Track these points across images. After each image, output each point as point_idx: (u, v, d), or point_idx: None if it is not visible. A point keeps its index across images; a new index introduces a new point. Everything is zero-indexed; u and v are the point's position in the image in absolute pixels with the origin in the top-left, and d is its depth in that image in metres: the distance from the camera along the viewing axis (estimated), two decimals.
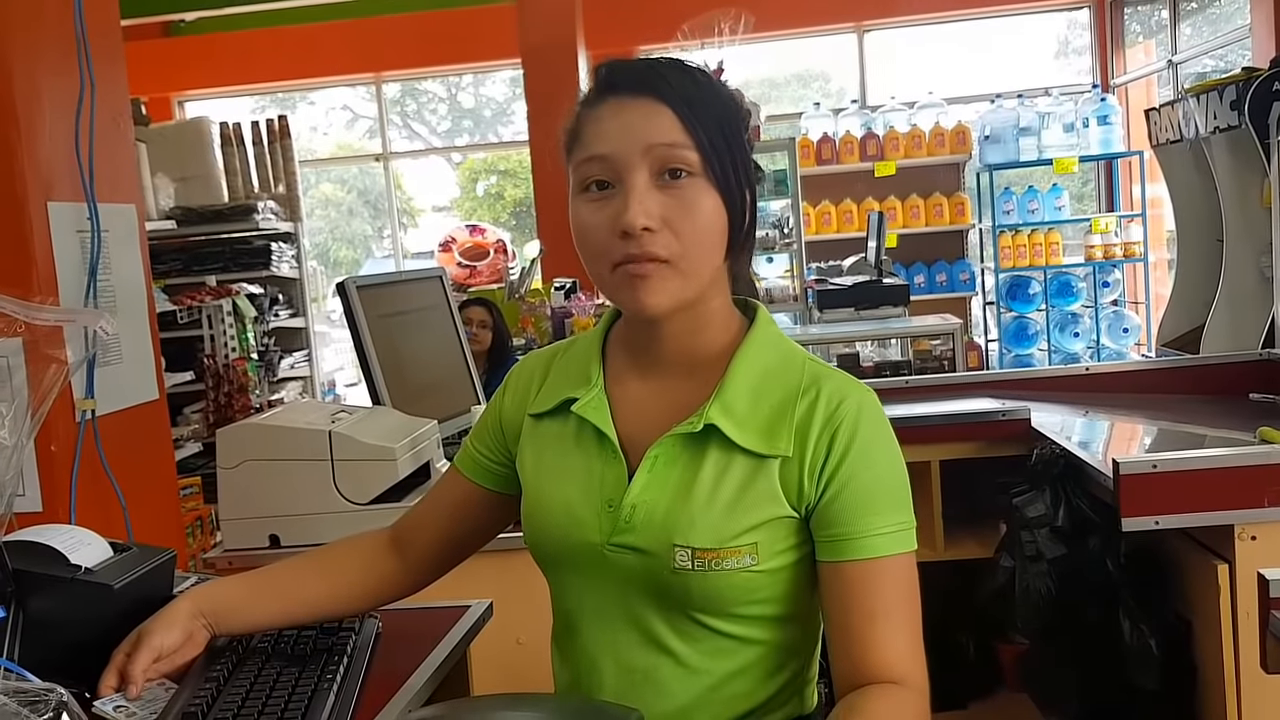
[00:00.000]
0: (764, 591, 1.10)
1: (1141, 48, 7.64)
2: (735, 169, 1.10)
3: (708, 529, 1.08)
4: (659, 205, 1.06)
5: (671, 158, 1.07)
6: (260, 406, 5.12)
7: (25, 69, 1.66)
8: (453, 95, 12.19)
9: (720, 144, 1.08)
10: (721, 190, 1.08)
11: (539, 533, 1.18)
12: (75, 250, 1.71)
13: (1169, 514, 1.75)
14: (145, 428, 1.88)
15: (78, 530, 1.30)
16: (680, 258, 1.07)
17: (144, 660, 1.13)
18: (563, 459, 1.18)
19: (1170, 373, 2.75)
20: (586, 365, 1.20)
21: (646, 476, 1.11)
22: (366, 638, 1.27)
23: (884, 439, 1.12)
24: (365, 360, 2.08)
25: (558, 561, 1.17)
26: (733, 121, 1.11)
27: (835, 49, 8.41)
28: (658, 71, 1.09)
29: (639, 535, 1.10)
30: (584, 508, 1.14)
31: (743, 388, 1.12)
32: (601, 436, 1.15)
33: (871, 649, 1.06)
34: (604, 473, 1.14)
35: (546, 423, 1.20)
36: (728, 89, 1.14)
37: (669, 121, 1.07)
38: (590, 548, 1.13)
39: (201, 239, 5.58)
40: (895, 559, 1.08)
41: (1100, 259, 7.01)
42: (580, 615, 1.17)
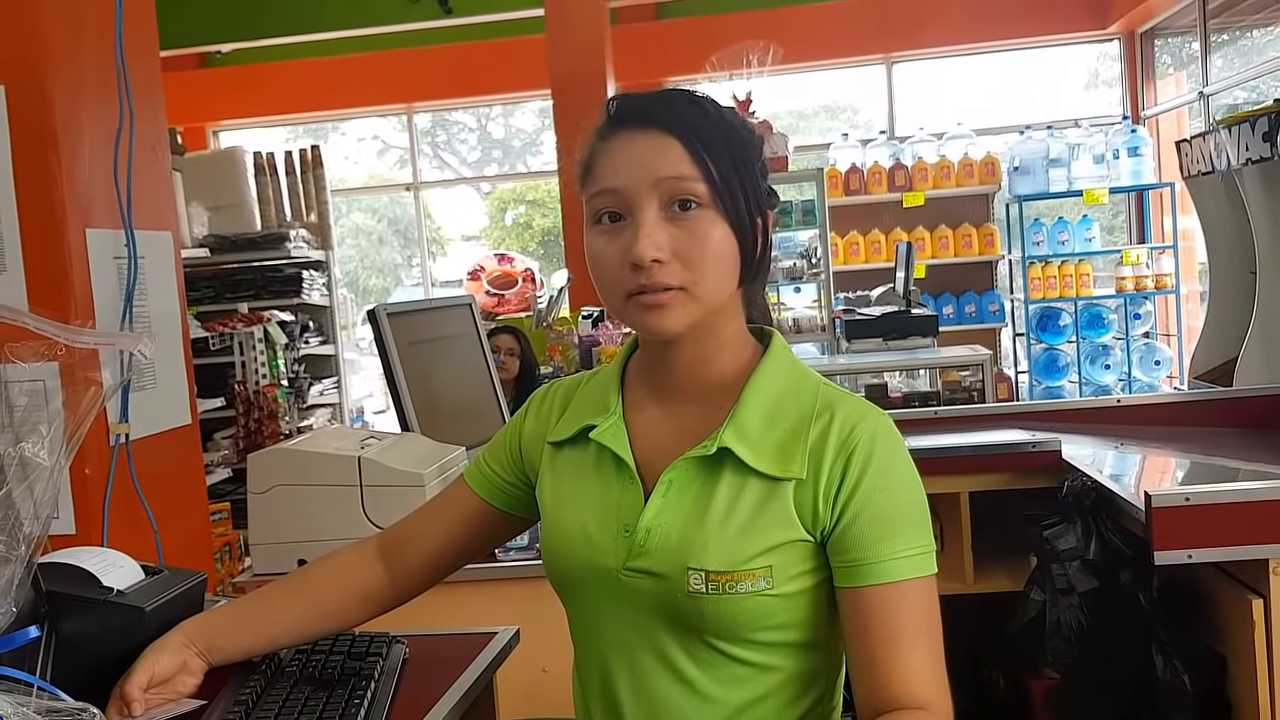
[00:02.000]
0: (780, 616, 1.10)
1: (1173, 79, 7.63)
2: (745, 198, 1.11)
3: (721, 551, 1.08)
4: (669, 237, 1.08)
5: (680, 190, 1.08)
6: (290, 433, 5.16)
7: (66, 100, 1.70)
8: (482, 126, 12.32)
9: (729, 174, 1.10)
10: (731, 220, 1.10)
11: (556, 558, 1.19)
12: (112, 276, 1.74)
13: (1202, 547, 1.73)
14: (178, 452, 1.90)
15: (110, 553, 1.32)
16: (693, 284, 1.09)
17: (137, 681, 1.14)
18: (580, 485, 1.19)
19: (1202, 405, 2.72)
20: (605, 394, 1.21)
21: (661, 500, 1.12)
22: (393, 663, 1.27)
23: (900, 462, 1.12)
24: (394, 386, 2.09)
25: (575, 587, 1.18)
26: (743, 150, 1.12)
27: (864, 80, 8.43)
28: (666, 104, 1.11)
29: (653, 559, 1.11)
30: (600, 533, 1.15)
31: (757, 412, 1.13)
32: (619, 462, 1.16)
33: (893, 675, 1.05)
34: (620, 498, 1.15)
35: (566, 451, 1.22)
36: (739, 117, 1.15)
37: (677, 154, 1.08)
38: (606, 572, 1.13)
39: (234, 266, 5.66)
40: (915, 583, 1.08)
41: (1131, 291, 6.96)
42: (598, 643, 1.17)
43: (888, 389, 4.91)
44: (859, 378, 5.13)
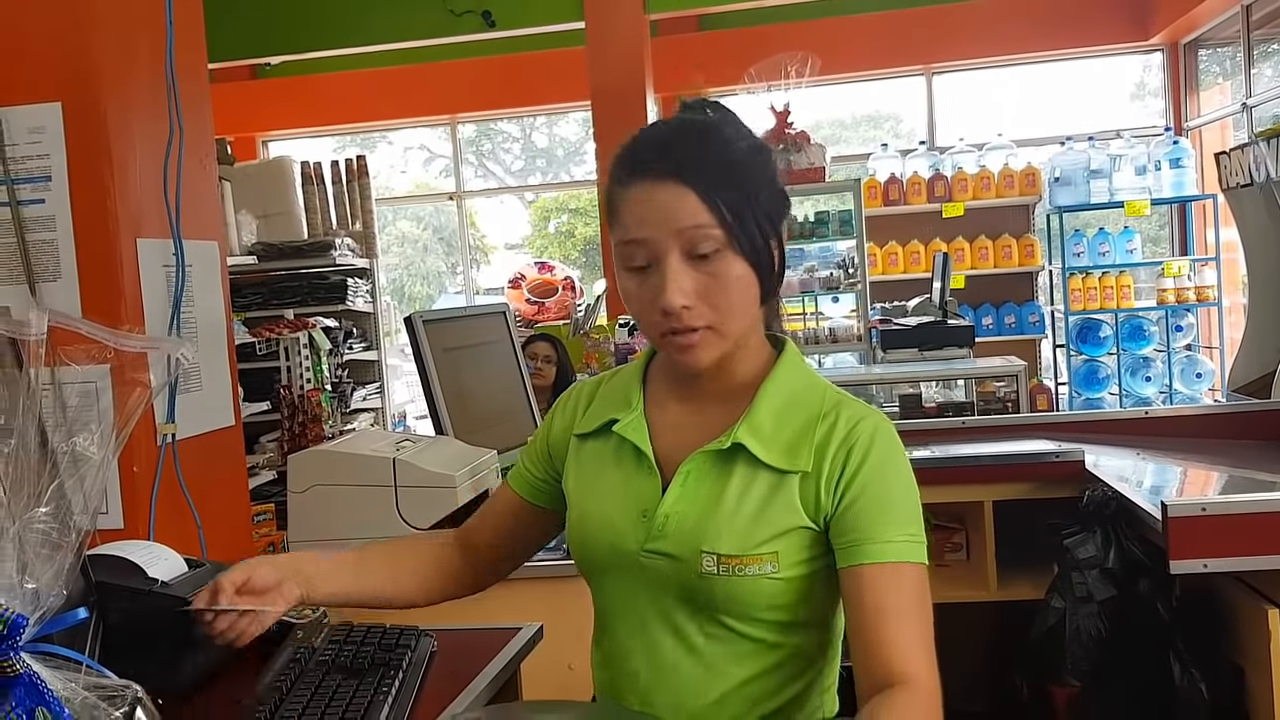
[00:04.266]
0: (783, 598, 1.19)
1: (1216, 90, 7.56)
2: (761, 231, 1.18)
3: (732, 537, 1.18)
4: (693, 282, 1.16)
5: (699, 238, 1.15)
6: (333, 436, 5.26)
7: (119, 114, 1.78)
8: (527, 135, 12.43)
9: (743, 211, 1.16)
10: (749, 256, 1.17)
11: (582, 542, 1.29)
12: (161, 284, 1.82)
13: (1218, 557, 1.75)
14: (222, 452, 1.97)
15: (156, 546, 1.39)
16: (719, 323, 1.18)
17: (233, 578, 1.21)
18: (603, 474, 1.29)
19: (1230, 417, 2.72)
20: (628, 391, 1.31)
21: (679, 489, 1.22)
22: (421, 654, 1.33)
23: (896, 459, 1.21)
24: (429, 391, 2.16)
25: (598, 567, 1.28)
26: (752, 178, 1.18)
27: (903, 91, 8.43)
28: (682, 150, 1.18)
29: (670, 542, 1.20)
30: (621, 518, 1.24)
31: (769, 411, 1.22)
32: (639, 454, 1.25)
33: (883, 645, 1.12)
34: (640, 486, 1.24)
35: (590, 443, 1.32)
36: (745, 135, 1.22)
37: (694, 204, 1.15)
38: (627, 554, 1.23)
39: (281, 273, 5.76)
40: (907, 566, 1.15)
41: (1173, 303, 6.90)
42: (617, 617, 1.27)
43: (922, 399, 4.92)
44: (894, 387, 5.14)
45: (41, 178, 1.72)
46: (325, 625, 1.40)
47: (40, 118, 1.71)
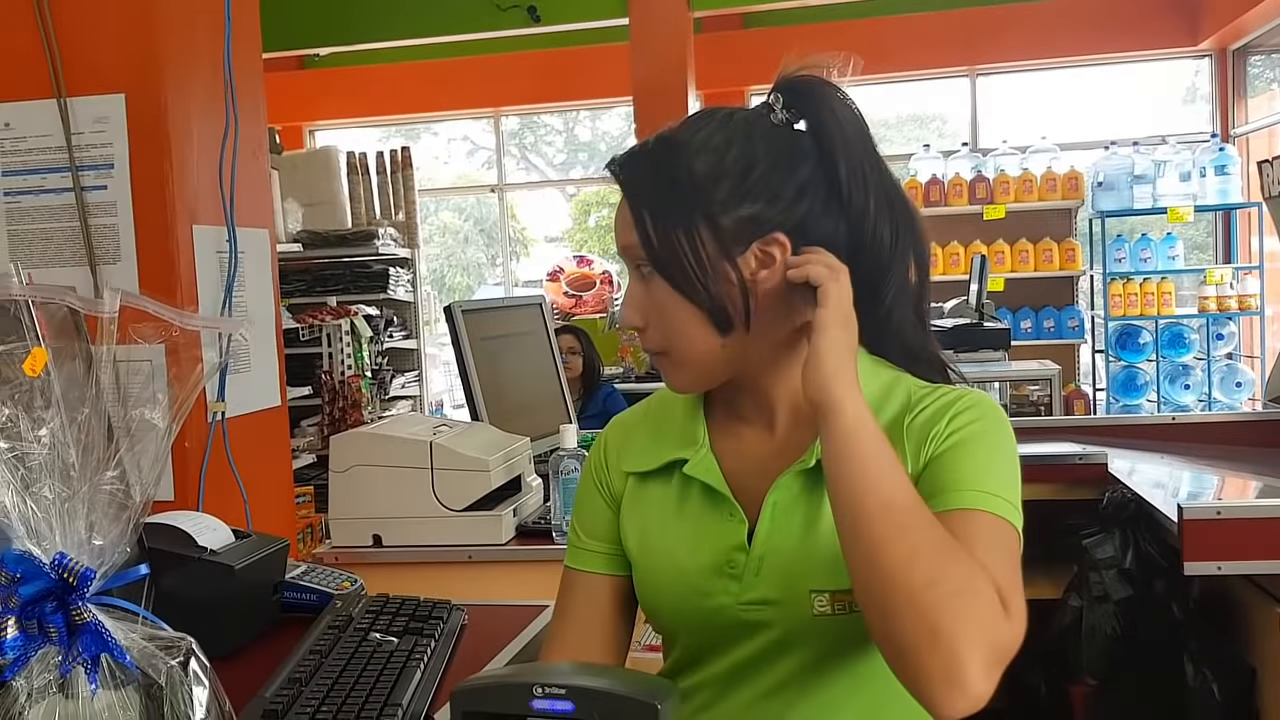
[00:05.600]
0: None
1: (1266, 96, 7.48)
2: (694, 251, 1.03)
3: (842, 568, 0.97)
4: (642, 301, 1.08)
5: (633, 256, 1.08)
6: (371, 422, 5.36)
7: (178, 106, 1.87)
8: (569, 129, 12.50)
9: (678, 237, 1.04)
10: (676, 282, 1.05)
11: (657, 606, 1.15)
12: (214, 269, 1.91)
13: (1232, 560, 1.78)
14: (267, 431, 2.06)
15: (205, 517, 1.47)
16: (669, 347, 1.08)
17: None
18: (670, 524, 1.13)
19: (1259, 425, 2.74)
20: (689, 424, 1.16)
21: (769, 524, 1.07)
22: (453, 626, 1.40)
23: (994, 427, 1.05)
24: (466, 378, 2.23)
25: (686, 629, 1.13)
26: (703, 204, 1.04)
27: (948, 92, 8.42)
28: (629, 161, 1.09)
29: (771, 586, 1.06)
30: (701, 572, 1.09)
31: None
32: (714, 494, 1.10)
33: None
34: (720, 531, 1.09)
35: (651, 485, 1.16)
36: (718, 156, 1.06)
37: (627, 220, 1.08)
38: (718, 611, 1.08)
39: (324, 261, 5.87)
40: (989, 516, 0.98)
41: (1214, 310, 6.85)
42: (708, 671, 1.11)
43: None
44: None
45: (105, 165, 1.81)
46: (363, 596, 1.47)
47: (105, 108, 1.80)
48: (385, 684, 1.17)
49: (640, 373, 5.20)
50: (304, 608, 1.49)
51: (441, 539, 1.96)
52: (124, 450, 0.88)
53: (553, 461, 1.96)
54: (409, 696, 1.15)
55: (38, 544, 0.87)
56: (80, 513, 0.87)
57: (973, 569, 0.91)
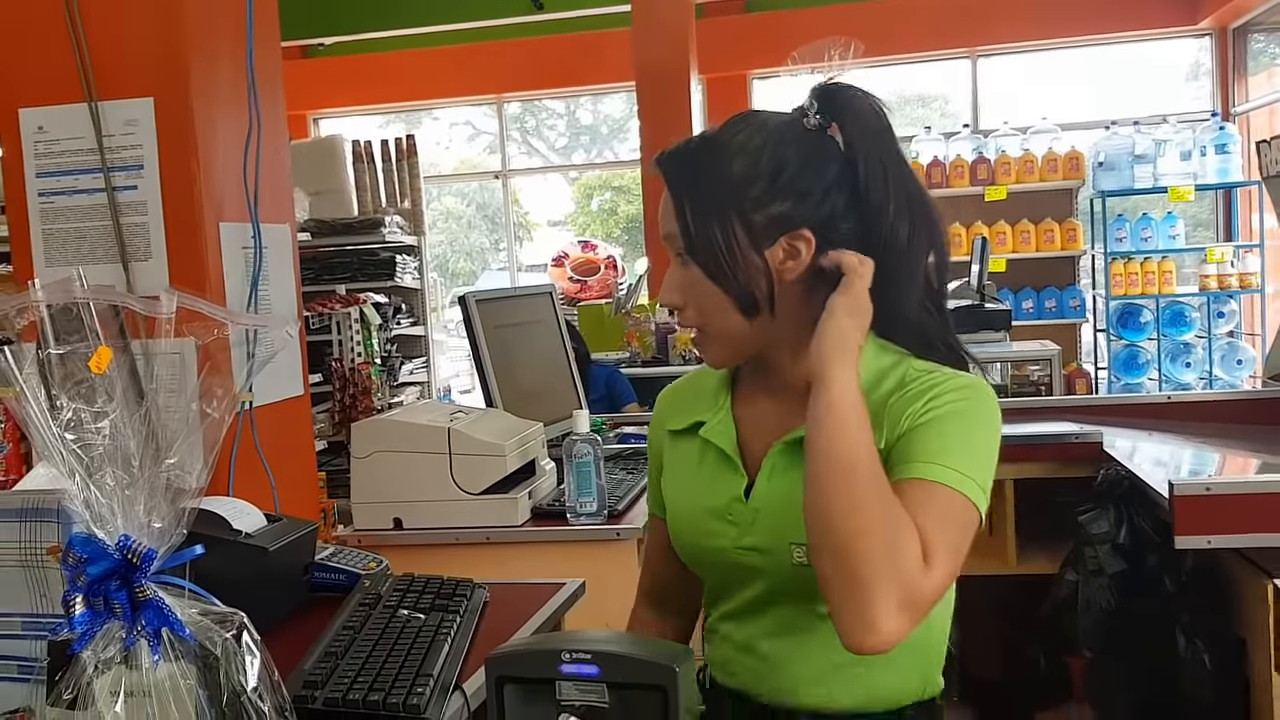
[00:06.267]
0: None
1: (1266, 75, 7.51)
2: (728, 248, 1.16)
3: None
4: (681, 283, 1.21)
5: (673, 244, 1.21)
6: (382, 409, 5.43)
7: (204, 107, 1.93)
8: (571, 112, 12.52)
9: (711, 228, 1.17)
10: (709, 270, 1.17)
11: (679, 541, 1.31)
12: (240, 264, 1.98)
13: (1222, 534, 1.85)
14: (292, 419, 2.13)
15: (238, 502, 1.54)
16: (704, 324, 1.22)
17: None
18: (692, 475, 1.29)
19: (1254, 404, 2.80)
20: (716, 390, 1.31)
21: (766, 482, 1.21)
22: (476, 603, 1.47)
23: (974, 409, 1.13)
24: (481, 366, 2.30)
25: (699, 564, 1.30)
26: (738, 199, 1.16)
27: (949, 74, 8.45)
28: (673, 159, 1.22)
29: (760, 536, 1.20)
30: (712, 518, 1.24)
31: None
32: (724, 453, 1.25)
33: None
34: (726, 484, 1.24)
35: (682, 442, 1.32)
36: (755, 156, 1.17)
37: (669, 211, 1.21)
38: (722, 551, 1.23)
39: (332, 250, 5.93)
40: (946, 489, 1.07)
41: (1215, 289, 6.90)
42: (723, 607, 1.28)
43: None
44: None
45: (135, 166, 1.88)
46: (389, 575, 1.55)
47: (134, 111, 1.87)
48: (416, 656, 1.25)
49: (646, 357, 5.26)
50: (333, 587, 1.57)
51: (460, 521, 2.03)
52: (180, 440, 0.95)
53: (566, 445, 2.03)
54: (439, 667, 1.22)
55: (101, 527, 0.94)
56: (140, 498, 0.94)
57: (901, 528, 1.03)
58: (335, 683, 1.18)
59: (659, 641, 0.88)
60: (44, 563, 1.08)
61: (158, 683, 0.92)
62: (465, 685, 1.23)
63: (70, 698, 0.92)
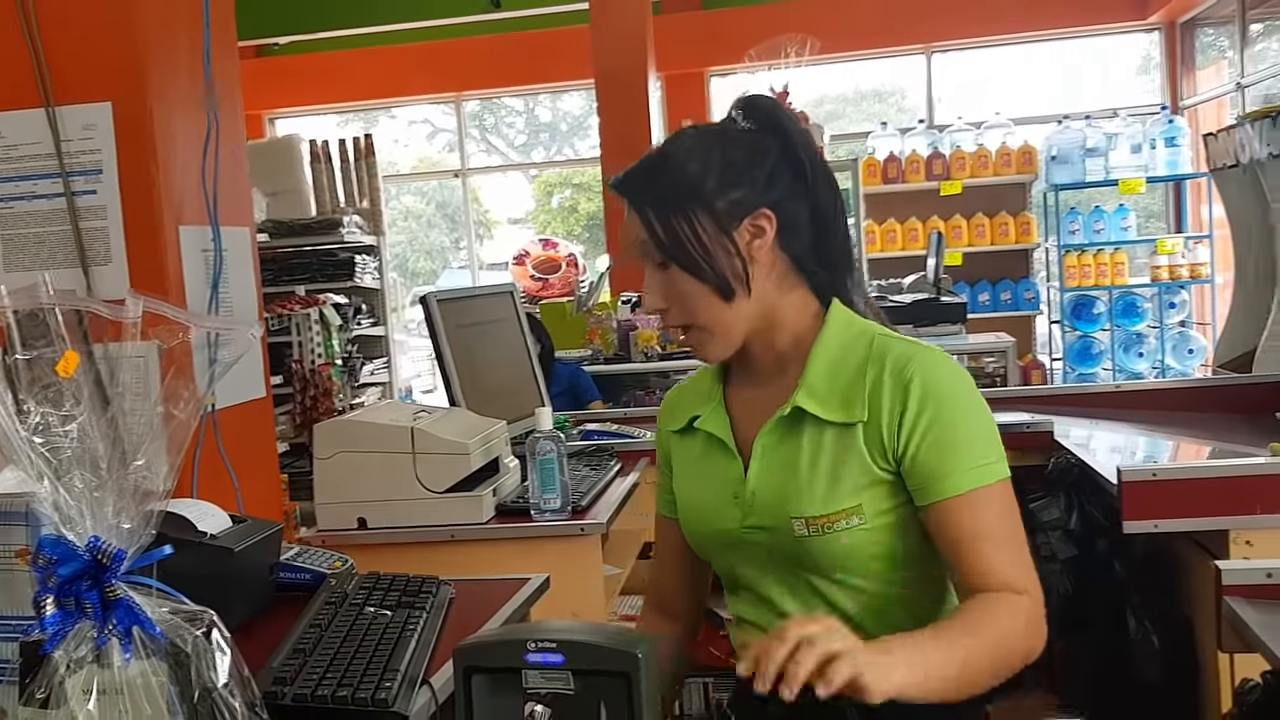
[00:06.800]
0: (880, 546, 1.27)
1: (1214, 69, 7.66)
2: (695, 242, 1.28)
3: (814, 499, 1.27)
4: (661, 287, 1.33)
5: (648, 252, 1.32)
6: (343, 410, 5.42)
7: (162, 111, 1.93)
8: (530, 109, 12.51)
9: (673, 227, 1.29)
10: (686, 266, 1.30)
11: (691, 531, 1.42)
12: (200, 267, 1.98)
13: (1168, 518, 1.90)
14: (254, 421, 2.14)
15: (202, 503, 1.54)
16: (693, 319, 1.33)
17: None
18: (694, 467, 1.42)
19: (1202, 391, 2.88)
20: (710, 385, 1.43)
21: (759, 464, 1.33)
22: (442, 599, 1.49)
23: (954, 385, 1.26)
24: (443, 365, 2.32)
25: (709, 548, 1.41)
26: (693, 197, 1.29)
27: (904, 70, 8.54)
28: (632, 178, 1.35)
29: (762, 515, 1.31)
30: (717, 503, 1.36)
31: (821, 370, 1.31)
32: (721, 442, 1.37)
33: (984, 571, 1.21)
34: (726, 471, 1.36)
35: (685, 439, 1.44)
36: (697, 158, 1.31)
37: (635, 222, 1.33)
38: (729, 534, 1.35)
39: (290, 250, 5.89)
40: (987, 489, 1.22)
41: (1166, 279, 7.03)
42: (741, 588, 1.39)
43: None
44: None
45: (94, 170, 1.88)
46: (354, 574, 1.56)
47: (92, 116, 1.87)
48: (383, 652, 1.26)
49: (609, 354, 5.28)
50: (299, 587, 1.58)
51: (425, 520, 2.04)
52: (147, 442, 0.96)
53: (529, 443, 2.05)
54: (406, 662, 1.24)
55: (71, 529, 0.95)
56: (109, 500, 0.95)
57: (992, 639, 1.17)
58: (304, 679, 1.19)
59: (623, 629, 0.91)
60: (12, 565, 1.09)
61: (130, 680, 0.94)
62: (433, 680, 1.25)
63: (43, 697, 0.94)
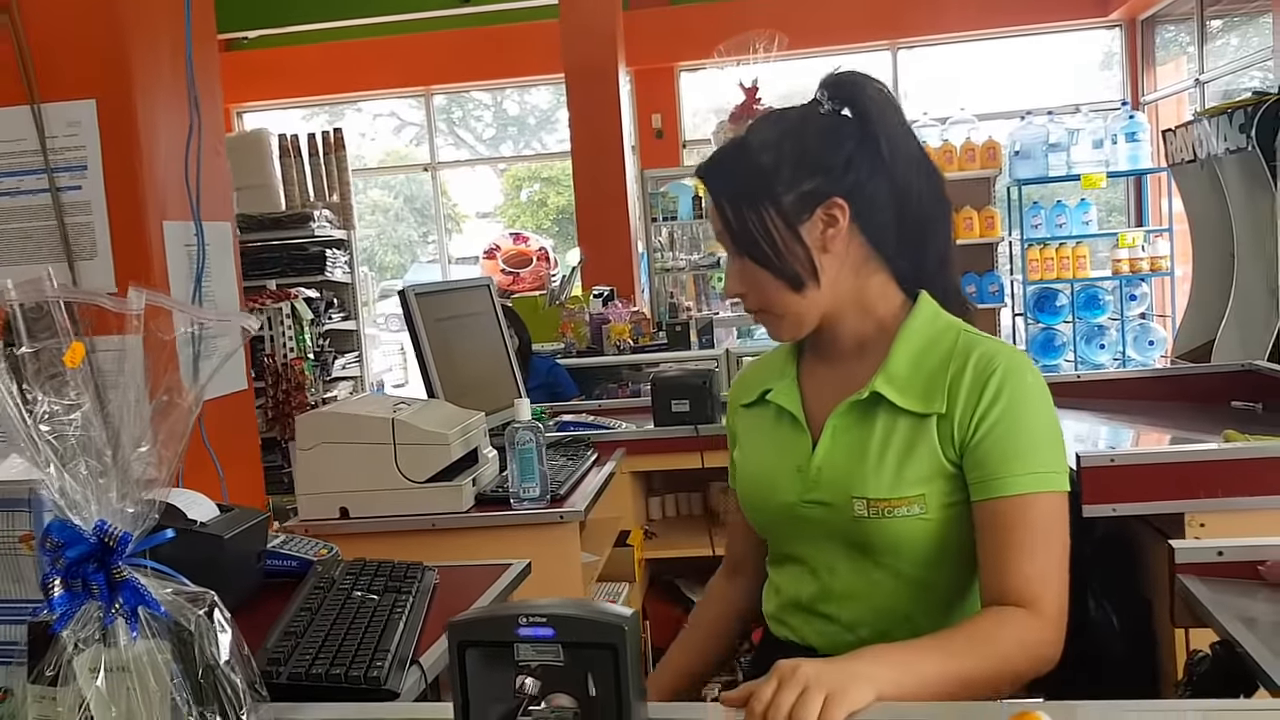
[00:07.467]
0: (933, 537, 1.30)
1: (1173, 65, 7.79)
2: (766, 229, 1.32)
3: (880, 482, 1.30)
4: (738, 274, 1.38)
5: (725, 241, 1.38)
6: (316, 404, 5.43)
7: (146, 108, 1.96)
8: (498, 103, 12.52)
9: (744, 219, 1.34)
10: (756, 257, 1.34)
11: (748, 499, 1.45)
12: (184, 261, 2.01)
13: (1126, 502, 1.97)
14: (236, 412, 2.17)
15: (190, 492, 1.58)
16: (768, 305, 1.37)
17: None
18: (762, 438, 1.44)
19: (1160, 381, 2.95)
20: (784, 362, 1.47)
21: (828, 442, 1.35)
22: (427, 585, 1.53)
23: (1030, 395, 1.29)
24: (422, 358, 2.35)
25: (765, 520, 1.44)
26: (764, 188, 1.33)
27: (870, 66, 8.62)
28: (709, 169, 1.39)
29: (824, 491, 1.34)
30: (779, 475, 1.39)
31: (903, 359, 1.34)
32: (791, 416, 1.40)
33: (1004, 575, 1.23)
34: (794, 444, 1.39)
35: (753, 412, 1.48)
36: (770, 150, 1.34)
37: (715, 214, 1.38)
38: (788, 506, 1.38)
39: (260, 245, 5.88)
40: (1036, 497, 1.24)
41: (1127, 272, 7.15)
42: (787, 560, 1.42)
43: None
44: None
45: (78, 166, 1.90)
46: (340, 560, 1.60)
47: (77, 113, 1.89)
48: (373, 634, 1.31)
49: (582, 347, 5.33)
50: (286, 574, 1.62)
51: (406, 509, 2.08)
52: (149, 431, 1.00)
53: (508, 433, 2.09)
54: (395, 642, 1.29)
55: (77, 514, 0.99)
56: (113, 486, 0.99)
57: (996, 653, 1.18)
58: (298, 659, 1.23)
59: (609, 606, 0.95)
60: (16, 550, 1.13)
61: (135, 658, 0.97)
62: (421, 659, 1.30)
63: (51, 675, 0.97)
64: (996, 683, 1.18)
